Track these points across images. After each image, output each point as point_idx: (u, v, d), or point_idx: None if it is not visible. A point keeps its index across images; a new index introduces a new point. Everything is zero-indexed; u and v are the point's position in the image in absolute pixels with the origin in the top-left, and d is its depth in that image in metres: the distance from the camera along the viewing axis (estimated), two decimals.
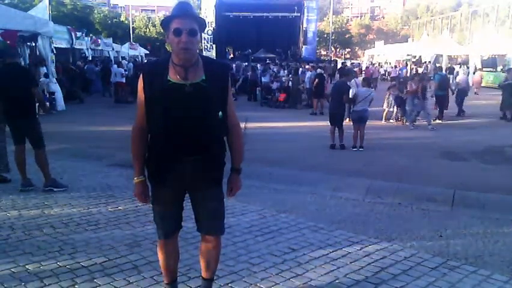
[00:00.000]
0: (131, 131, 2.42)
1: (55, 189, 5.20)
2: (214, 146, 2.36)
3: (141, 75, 2.35)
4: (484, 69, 26.91)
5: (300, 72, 17.61)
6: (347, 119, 10.86)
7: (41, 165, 5.25)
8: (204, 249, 2.61)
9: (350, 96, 9.04)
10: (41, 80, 12.73)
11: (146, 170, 2.45)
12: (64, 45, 19.40)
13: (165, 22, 2.27)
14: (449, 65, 25.30)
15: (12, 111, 5.17)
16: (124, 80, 17.19)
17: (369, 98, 8.81)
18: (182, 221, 2.58)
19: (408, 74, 17.20)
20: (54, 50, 14.23)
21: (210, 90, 2.29)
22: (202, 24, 2.29)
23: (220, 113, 2.33)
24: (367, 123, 8.97)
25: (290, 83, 16.95)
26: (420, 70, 24.17)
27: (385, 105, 12.76)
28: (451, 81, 14.54)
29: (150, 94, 2.29)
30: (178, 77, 2.27)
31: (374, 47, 44.48)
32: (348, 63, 34.93)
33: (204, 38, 35.72)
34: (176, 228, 2.57)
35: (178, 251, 2.69)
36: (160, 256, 2.61)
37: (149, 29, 54.74)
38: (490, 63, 27.91)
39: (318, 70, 16.82)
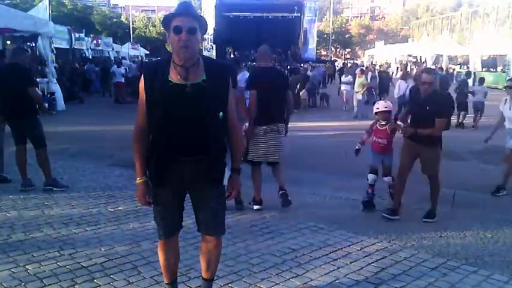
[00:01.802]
0: (133, 132, 2.42)
1: (55, 189, 5.21)
2: (215, 146, 2.36)
3: (142, 76, 2.35)
4: (483, 69, 26.91)
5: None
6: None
7: (42, 165, 5.26)
8: (204, 249, 2.61)
9: None
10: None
11: (147, 170, 2.45)
12: (64, 45, 19.40)
13: (166, 21, 2.26)
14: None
15: (13, 111, 5.17)
16: (123, 80, 17.21)
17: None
18: (183, 221, 2.58)
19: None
20: (54, 50, 14.23)
21: (210, 91, 2.28)
22: (203, 24, 2.29)
23: (220, 113, 2.32)
24: (366, 122, 8.96)
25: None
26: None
27: None
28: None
29: (151, 94, 2.29)
30: (178, 77, 2.27)
31: (374, 47, 44.51)
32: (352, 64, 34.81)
33: (204, 38, 35.69)
34: (177, 228, 2.57)
35: (179, 251, 2.69)
36: (160, 256, 2.60)
37: (150, 29, 54.71)
38: (490, 64, 27.91)
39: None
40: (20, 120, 5.17)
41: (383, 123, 5.16)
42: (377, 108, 5.26)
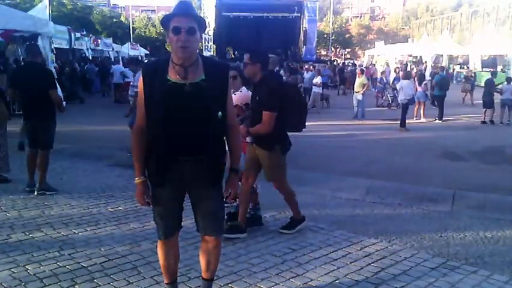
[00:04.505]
0: (132, 131, 2.43)
1: (48, 193, 5.11)
2: (214, 146, 2.36)
3: (141, 75, 2.36)
4: (484, 69, 26.91)
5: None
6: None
7: (41, 167, 5.12)
8: (204, 249, 2.61)
9: None
10: None
11: (146, 170, 2.45)
12: (64, 45, 19.39)
13: (165, 21, 2.27)
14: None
15: (30, 111, 5.09)
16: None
17: None
18: (183, 221, 2.58)
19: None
20: (54, 50, 14.21)
21: (209, 90, 2.29)
22: (202, 23, 2.29)
23: (219, 113, 2.33)
24: (366, 122, 8.98)
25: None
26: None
27: None
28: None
29: (150, 94, 2.29)
30: (177, 76, 2.27)
31: (374, 47, 44.48)
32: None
33: (204, 38, 35.65)
34: (176, 228, 2.57)
35: (178, 251, 2.69)
36: (160, 256, 2.60)
37: (149, 30, 54.70)
38: (490, 63, 27.89)
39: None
40: (36, 120, 5.06)
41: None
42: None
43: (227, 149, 2.52)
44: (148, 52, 40.54)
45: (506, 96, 12.45)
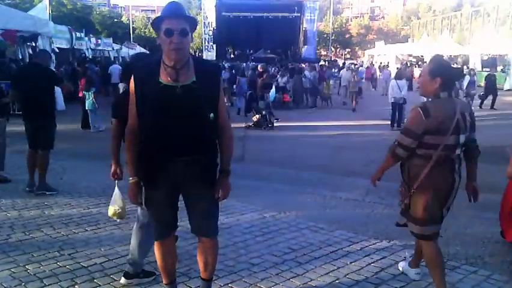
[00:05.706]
0: (125, 132, 2.43)
1: (48, 193, 5.10)
2: (206, 147, 2.36)
3: (132, 77, 2.35)
4: (484, 69, 26.92)
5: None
6: None
7: (41, 167, 5.12)
8: (201, 249, 2.60)
9: None
10: None
11: (140, 171, 2.44)
12: (64, 45, 19.38)
13: (156, 23, 2.27)
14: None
15: (31, 111, 5.10)
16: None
17: None
18: (182, 221, 2.57)
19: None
20: (56, 49, 14.21)
21: (200, 92, 2.28)
22: (193, 24, 2.29)
23: (211, 114, 2.32)
24: (366, 122, 8.96)
25: (287, 84, 16.95)
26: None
27: None
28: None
29: (141, 96, 2.29)
30: (169, 79, 2.27)
31: (374, 47, 44.49)
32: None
33: (204, 38, 35.72)
34: (171, 229, 2.56)
35: (176, 251, 2.68)
36: (158, 257, 2.60)
37: (149, 29, 54.68)
38: (490, 63, 27.89)
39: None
40: (36, 120, 5.06)
41: None
42: None
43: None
44: (148, 52, 40.55)
45: None
